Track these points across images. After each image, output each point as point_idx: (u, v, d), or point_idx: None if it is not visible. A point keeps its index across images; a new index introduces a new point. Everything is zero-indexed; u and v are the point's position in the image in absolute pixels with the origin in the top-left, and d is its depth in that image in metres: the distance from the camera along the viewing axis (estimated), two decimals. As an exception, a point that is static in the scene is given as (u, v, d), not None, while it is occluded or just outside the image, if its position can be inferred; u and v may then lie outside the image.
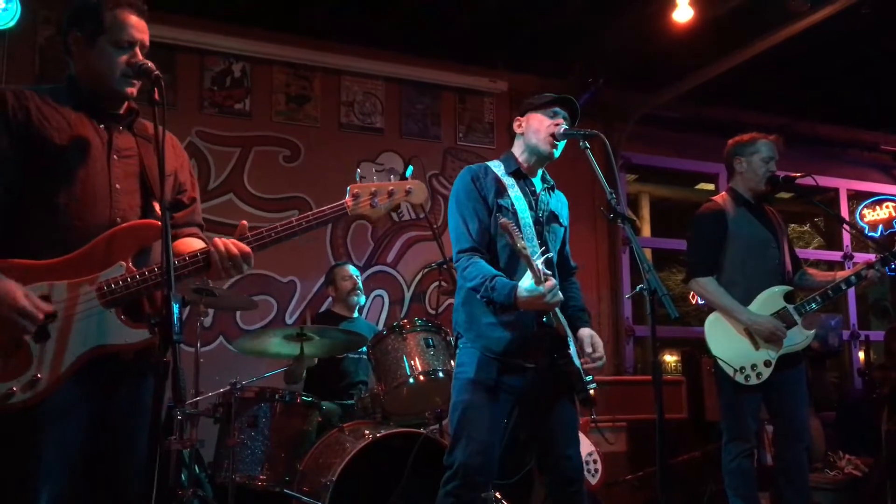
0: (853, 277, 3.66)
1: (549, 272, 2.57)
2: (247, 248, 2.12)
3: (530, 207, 2.82)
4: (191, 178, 2.39)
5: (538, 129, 2.87)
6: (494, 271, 2.68)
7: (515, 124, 2.98)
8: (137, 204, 2.17)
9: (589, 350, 2.78)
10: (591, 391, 2.75)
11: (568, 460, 2.76)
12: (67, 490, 2.02)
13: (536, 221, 2.82)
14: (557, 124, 2.85)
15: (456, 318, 2.89)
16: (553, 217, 2.92)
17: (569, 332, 2.76)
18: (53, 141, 2.05)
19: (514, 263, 2.72)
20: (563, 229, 2.96)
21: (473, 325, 2.79)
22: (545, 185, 2.96)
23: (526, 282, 2.54)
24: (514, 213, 2.77)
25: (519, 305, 2.59)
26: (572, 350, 2.72)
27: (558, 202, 3.00)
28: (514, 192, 2.82)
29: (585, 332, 2.83)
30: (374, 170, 2.36)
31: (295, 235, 2.19)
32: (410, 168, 2.41)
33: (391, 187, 2.29)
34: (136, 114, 2.25)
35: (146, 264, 2.09)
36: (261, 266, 5.31)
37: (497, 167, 2.90)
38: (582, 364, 2.74)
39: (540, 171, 2.98)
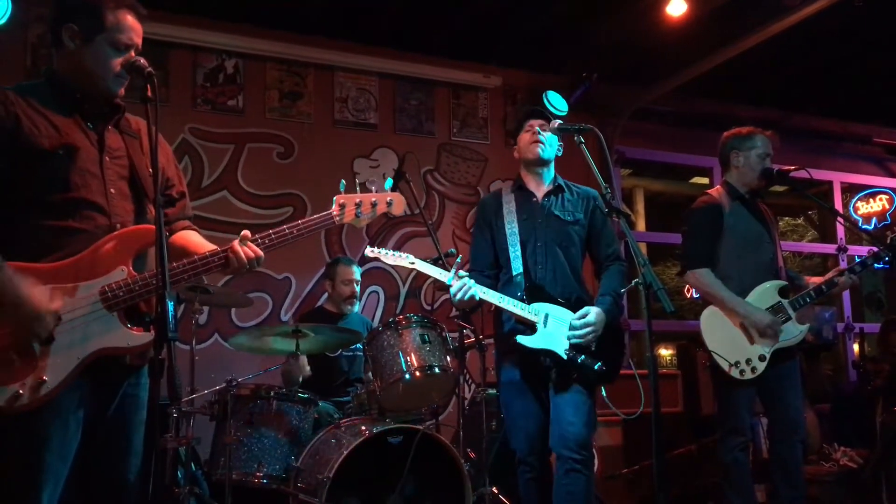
0: (824, 286, 3.68)
1: (463, 275, 3.01)
2: (260, 252, 2.25)
3: (521, 218, 3.23)
4: (177, 173, 2.40)
5: (522, 145, 3.33)
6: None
7: (515, 153, 3.41)
8: (132, 207, 2.17)
9: (574, 318, 3.09)
10: (586, 366, 3.04)
11: (571, 425, 3.02)
12: (66, 489, 2.02)
13: (527, 230, 3.21)
14: (534, 132, 3.25)
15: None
16: (554, 219, 3.24)
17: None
18: (45, 147, 2.03)
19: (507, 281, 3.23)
20: (572, 227, 3.26)
21: (496, 328, 3.32)
22: (550, 187, 3.30)
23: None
24: (503, 230, 3.24)
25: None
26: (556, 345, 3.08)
27: (571, 199, 3.31)
28: (508, 207, 3.27)
29: (584, 310, 3.11)
30: (355, 179, 2.43)
31: (286, 243, 2.33)
32: (390, 180, 2.54)
33: (373, 198, 2.43)
34: (123, 111, 2.24)
35: (145, 268, 2.11)
36: (255, 263, 5.29)
37: (507, 188, 3.37)
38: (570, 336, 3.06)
39: (548, 178, 3.33)
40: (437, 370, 3.72)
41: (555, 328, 3.08)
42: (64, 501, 2.05)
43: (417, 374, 3.69)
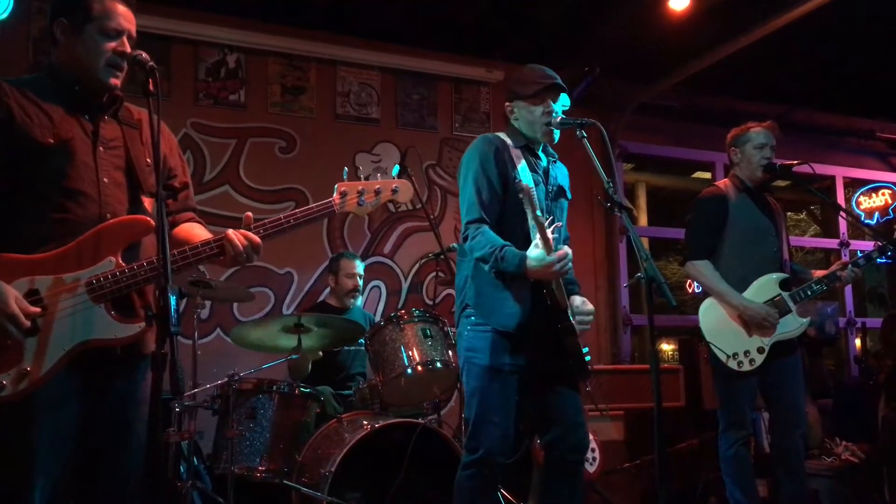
0: (826, 280, 3.67)
1: (561, 243, 2.60)
2: (257, 239, 2.16)
3: (537, 182, 2.82)
4: (181, 163, 2.38)
5: (532, 121, 2.88)
6: (503, 241, 2.68)
7: (507, 109, 2.96)
8: (125, 198, 2.15)
9: (578, 304, 2.81)
10: (585, 358, 2.79)
11: (581, 427, 2.82)
12: (63, 484, 2.01)
13: (546, 196, 2.86)
14: (551, 116, 2.83)
15: (466, 292, 2.86)
16: (561, 192, 2.95)
17: (568, 304, 2.78)
18: (37, 138, 2.03)
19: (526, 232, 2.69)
20: (567, 203, 2.99)
21: (483, 299, 2.79)
22: (550, 159, 2.98)
23: (535, 251, 2.58)
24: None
25: (529, 275, 2.62)
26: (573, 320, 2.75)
27: (563, 175, 3.02)
28: (522, 165, 2.81)
29: (577, 298, 2.86)
30: (358, 171, 2.38)
31: (283, 233, 2.23)
32: (397, 167, 2.45)
33: (377, 186, 2.33)
34: (121, 101, 2.23)
35: (136, 259, 2.08)
36: (257, 258, 5.30)
37: (511, 141, 2.88)
38: (576, 323, 2.75)
39: (542, 145, 2.95)
40: (438, 364, 3.73)
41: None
42: (65, 497, 2.05)
43: (419, 368, 3.70)
